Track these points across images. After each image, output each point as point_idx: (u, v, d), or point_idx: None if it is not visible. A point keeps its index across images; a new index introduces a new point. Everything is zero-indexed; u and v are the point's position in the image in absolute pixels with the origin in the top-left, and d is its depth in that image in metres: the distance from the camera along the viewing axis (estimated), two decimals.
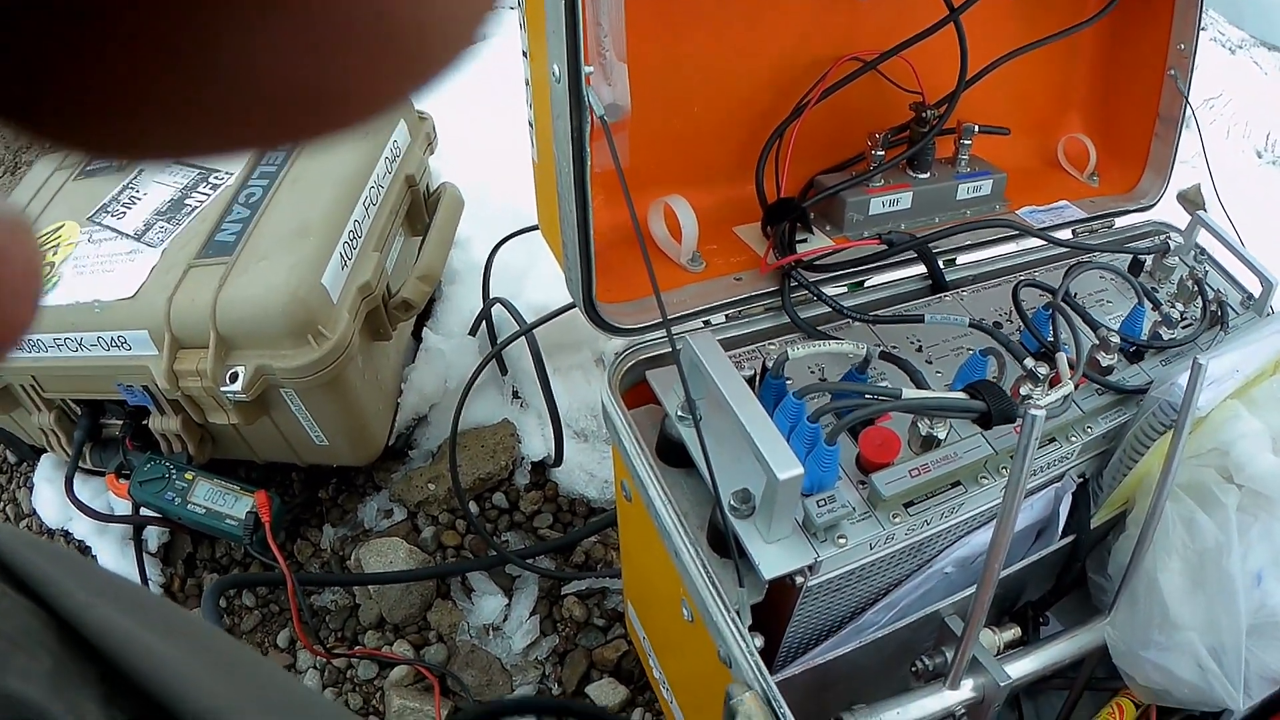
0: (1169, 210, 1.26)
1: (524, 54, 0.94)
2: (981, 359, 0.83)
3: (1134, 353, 1.01)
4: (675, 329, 0.87)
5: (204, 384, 1.17)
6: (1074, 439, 0.89)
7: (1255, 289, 1.14)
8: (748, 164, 1.07)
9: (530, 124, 0.94)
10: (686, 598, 0.80)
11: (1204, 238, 1.18)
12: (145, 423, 1.36)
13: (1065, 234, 1.17)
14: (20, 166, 2.16)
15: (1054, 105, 1.28)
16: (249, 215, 1.25)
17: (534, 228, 1.41)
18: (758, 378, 0.80)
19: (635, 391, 0.90)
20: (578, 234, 0.83)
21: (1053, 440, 0.89)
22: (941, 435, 0.81)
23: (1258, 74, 2.71)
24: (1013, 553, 0.91)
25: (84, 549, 1.50)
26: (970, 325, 0.89)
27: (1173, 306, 1.04)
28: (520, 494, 1.41)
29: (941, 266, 1.06)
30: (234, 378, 1.15)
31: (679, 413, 0.80)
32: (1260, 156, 2.32)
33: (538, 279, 1.48)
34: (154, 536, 1.40)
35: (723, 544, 0.75)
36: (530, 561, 1.29)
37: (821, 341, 0.81)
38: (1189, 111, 1.22)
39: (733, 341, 0.92)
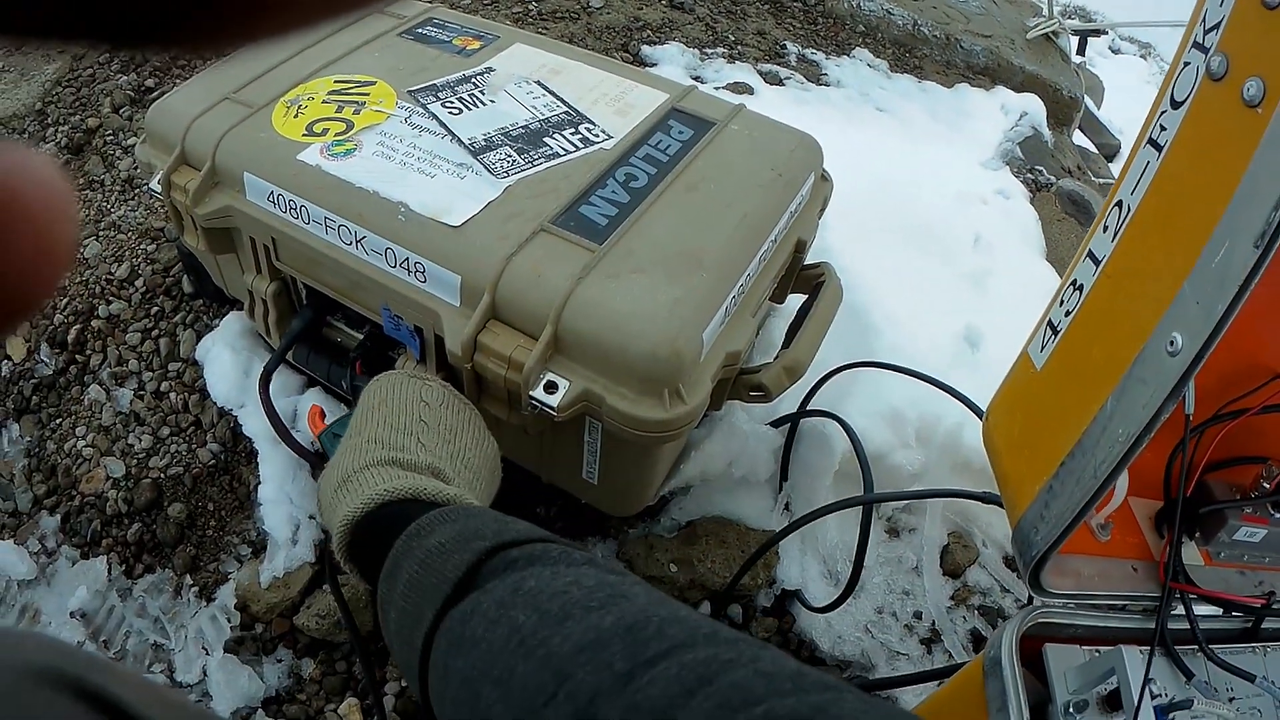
0: None
1: (1092, 257, 0.79)
2: None
3: None
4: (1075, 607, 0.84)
5: (509, 374, 0.95)
6: None
7: None
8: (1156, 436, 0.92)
9: (1053, 327, 0.83)
10: None
11: None
12: (391, 354, 1.15)
13: None
14: None
15: None
16: (628, 203, 1.02)
17: (900, 369, 1.23)
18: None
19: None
20: (1089, 496, 0.73)
21: None
22: None
23: None
24: None
25: (243, 444, 1.29)
26: None
27: None
28: (756, 615, 1.20)
29: None
30: (551, 388, 0.93)
31: (1069, 708, 0.76)
32: None
33: (857, 405, 1.26)
34: None
35: None
36: None
37: (1216, 705, 0.76)
38: None
39: (1088, 633, 0.84)
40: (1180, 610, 0.85)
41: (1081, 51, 2.65)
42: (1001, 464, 0.90)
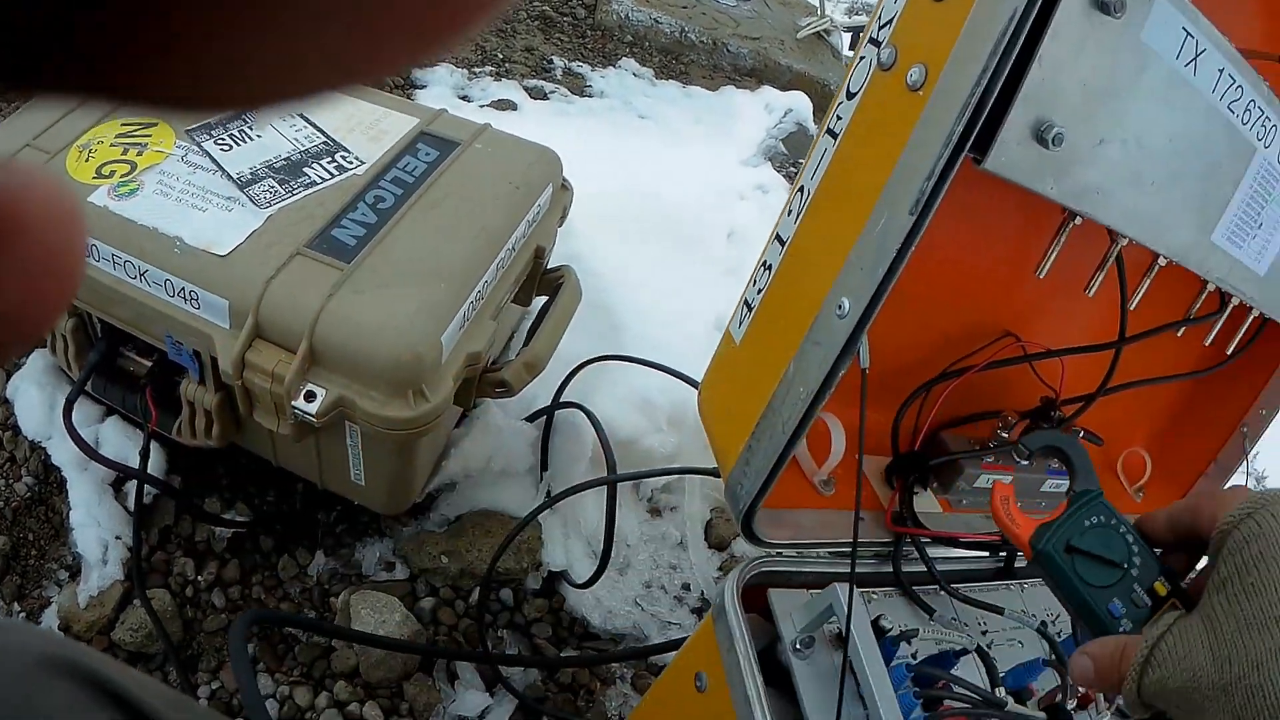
0: None
1: (779, 239, 0.90)
2: (1040, 667, 0.86)
3: None
4: (799, 555, 0.92)
5: (273, 387, 1.08)
6: None
7: None
8: (884, 398, 1.03)
9: (748, 304, 0.91)
10: None
11: None
12: (177, 380, 1.25)
13: None
14: None
15: (1132, 421, 1.28)
16: (375, 223, 1.16)
17: (636, 360, 1.37)
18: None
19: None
20: (780, 451, 0.81)
21: None
22: None
23: None
24: None
25: (54, 475, 1.38)
26: (1037, 630, 0.91)
27: None
28: (527, 598, 1.34)
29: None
30: (310, 397, 1.06)
31: (796, 644, 0.82)
32: None
33: (610, 395, 1.40)
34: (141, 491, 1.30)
35: None
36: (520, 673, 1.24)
37: (946, 630, 0.85)
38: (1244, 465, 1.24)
39: (816, 579, 0.91)
40: (915, 555, 0.94)
41: (854, 47, 2.87)
42: (713, 432, 0.99)
